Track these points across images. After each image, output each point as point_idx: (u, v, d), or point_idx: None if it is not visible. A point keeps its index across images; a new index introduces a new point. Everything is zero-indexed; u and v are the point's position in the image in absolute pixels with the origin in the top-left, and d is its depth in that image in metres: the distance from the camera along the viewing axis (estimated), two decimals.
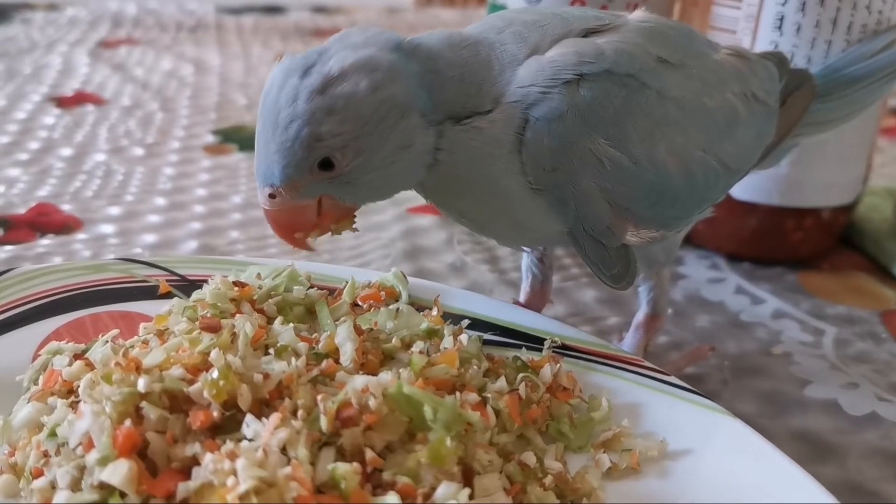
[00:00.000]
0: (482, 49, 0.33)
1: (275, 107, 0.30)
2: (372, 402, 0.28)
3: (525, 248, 0.41)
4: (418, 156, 0.32)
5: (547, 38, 0.33)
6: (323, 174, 0.31)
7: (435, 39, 0.33)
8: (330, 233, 0.34)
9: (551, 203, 0.33)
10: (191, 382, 0.29)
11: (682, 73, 0.34)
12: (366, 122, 0.30)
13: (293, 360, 0.31)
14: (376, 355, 0.33)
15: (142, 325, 0.35)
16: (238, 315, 0.34)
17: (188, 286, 0.39)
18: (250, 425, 0.27)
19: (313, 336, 0.34)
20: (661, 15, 0.39)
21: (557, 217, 0.33)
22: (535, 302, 0.43)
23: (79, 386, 0.30)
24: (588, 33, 0.34)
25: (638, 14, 0.36)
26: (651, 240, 0.35)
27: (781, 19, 0.47)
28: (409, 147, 0.31)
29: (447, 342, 0.34)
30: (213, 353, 0.29)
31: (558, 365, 0.35)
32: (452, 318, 0.37)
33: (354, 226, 0.35)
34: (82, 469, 0.27)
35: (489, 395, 0.32)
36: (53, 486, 0.27)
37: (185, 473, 0.27)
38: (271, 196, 0.31)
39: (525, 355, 0.36)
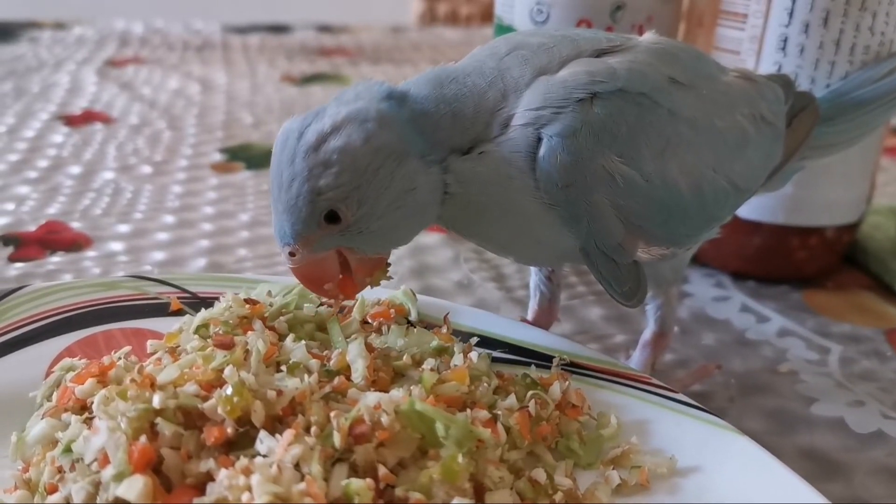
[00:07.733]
0: (470, 80, 0.33)
1: (278, 169, 0.32)
2: (384, 419, 0.29)
3: (543, 266, 0.41)
4: (426, 195, 0.33)
5: (555, 60, 0.33)
6: (331, 227, 0.32)
7: (422, 81, 0.33)
8: (369, 286, 0.35)
9: (564, 219, 0.33)
10: (205, 399, 0.29)
11: (693, 94, 0.35)
12: (363, 173, 0.31)
13: (305, 376, 0.31)
14: (387, 372, 0.34)
15: (149, 342, 0.36)
16: (250, 332, 0.34)
17: (199, 303, 0.40)
18: (264, 441, 0.28)
19: (324, 353, 0.34)
20: (666, 35, 0.40)
21: (570, 233, 0.33)
22: (543, 320, 0.43)
23: (92, 402, 0.30)
24: (600, 54, 0.34)
25: (649, 36, 0.37)
26: (661, 257, 0.36)
27: (785, 40, 0.47)
28: (412, 190, 0.32)
29: (457, 360, 0.35)
30: (227, 370, 0.30)
31: (567, 382, 0.35)
32: (462, 335, 0.37)
33: (388, 274, 0.36)
34: (97, 485, 0.27)
35: (499, 412, 0.33)
36: (68, 502, 0.28)
37: (200, 489, 0.27)
38: (291, 254, 0.33)
39: (534, 373, 0.36)
